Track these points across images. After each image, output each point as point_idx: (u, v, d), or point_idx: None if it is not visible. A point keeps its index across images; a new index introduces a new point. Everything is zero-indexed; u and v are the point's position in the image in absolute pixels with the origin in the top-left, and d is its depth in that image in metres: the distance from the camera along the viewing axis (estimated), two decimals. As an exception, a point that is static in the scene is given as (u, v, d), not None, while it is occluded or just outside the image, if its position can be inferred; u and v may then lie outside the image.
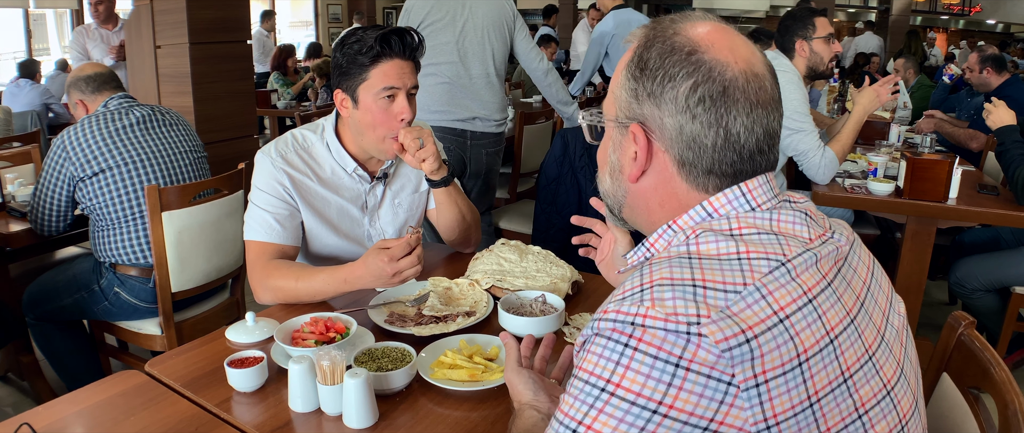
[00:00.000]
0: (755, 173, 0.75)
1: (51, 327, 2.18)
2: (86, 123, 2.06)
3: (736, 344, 0.62)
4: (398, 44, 1.46)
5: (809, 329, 0.65)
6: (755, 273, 0.66)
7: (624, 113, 0.77)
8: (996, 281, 2.51)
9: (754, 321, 0.63)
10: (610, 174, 0.82)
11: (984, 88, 3.77)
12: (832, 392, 0.65)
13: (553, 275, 1.50)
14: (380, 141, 1.50)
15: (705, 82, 0.72)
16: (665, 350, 0.62)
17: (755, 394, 0.62)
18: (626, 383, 0.63)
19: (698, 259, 0.68)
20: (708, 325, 0.62)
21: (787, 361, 0.63)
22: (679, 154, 0.74)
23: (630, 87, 0.76)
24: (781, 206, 0.75)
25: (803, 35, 2.55)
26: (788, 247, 0.70)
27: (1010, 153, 2.37)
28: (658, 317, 0.63)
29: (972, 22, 15.64)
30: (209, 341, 1.31)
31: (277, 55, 6.33)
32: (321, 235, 1.58)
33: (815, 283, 0.68)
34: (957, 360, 1.05)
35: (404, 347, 1.17)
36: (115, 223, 2.07)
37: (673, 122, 0.73)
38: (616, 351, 0.64)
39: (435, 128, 2.80)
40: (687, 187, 0.76)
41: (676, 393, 0.62)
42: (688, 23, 0.75)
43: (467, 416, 1.06)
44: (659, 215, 0.78)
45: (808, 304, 0.66)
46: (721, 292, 0.65)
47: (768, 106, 0.74)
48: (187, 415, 1.08)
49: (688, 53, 0.72)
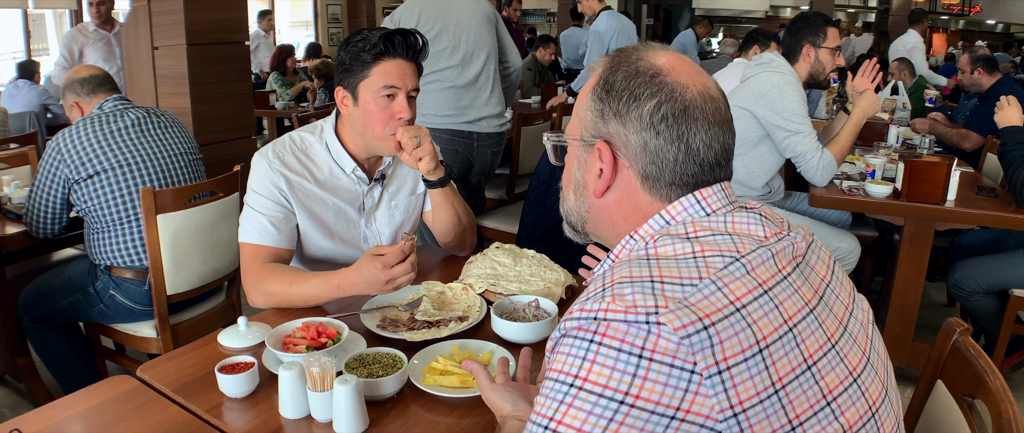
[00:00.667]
0: (714, 183, 0.80)
1: (47, 329, 2.18)
2: (81, 125, 2.06)
3: (694, 331, 0.65)
4: (401, 44, 1.47)
5: (766, 318, 0.68)
6: (710, 268, 0.70)
7: (590, 132, 0.83)
8: (994, 283, 2.50)
9: (711, 310, 0.67)
10: (574, 191, 0.87)
11: (976, 89, 3.76)
12: (796, 379, 0.68)
13: (547, 279, 1.49)
14: (379, 138, 1.50)
15: (668, 101, 0.77)
16: (628, 342, 0.65)
17: (718, 381, 0.64)
18: (593, 377, 0.66)
19: (656, 260, 0.72)
20: (666, 314, 0.65)
21: (747, 348, 0.66)
22: (643, 168, 0.80)
23: (596, 108, 0.82)
24: (735, 210, 0.79)
25: (813, 41, 2.55)
26: (742, 245, 0.74)
27: (1011, 154, 2.36)
28: (618, 310, 0.66)
29: (972, 22, 15.63)
30: (202, 345, 1.30)
31: (276, 55, 6.32)
32: (316, 238, 1.57)
33: (770, 276, 0.72)
34: (951, 367, 1.04)
35: (395, 353, 1.16)
36: (110, 225, 2.07)
37: (638, 138, 0.79)
38: (582, 347, 0.67)
39: (444, 131, 2.82)
40: (650, 199, 0.80)
41: (641, 383, 0.64)
42: (649, 52, 0.82)
43: (458, 423, 1.05)
44: (623, 227, 0.83)
45: (764, 295, 0.70)
46: (678, 286, 0.68)
47: (723, 126, 0.80)
48: (178, 420, 1.07)
49: (651, 75, 0.79)
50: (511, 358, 1.15)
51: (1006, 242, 2.74)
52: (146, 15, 3.21)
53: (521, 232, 2.79)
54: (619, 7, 12.18)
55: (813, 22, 2.57)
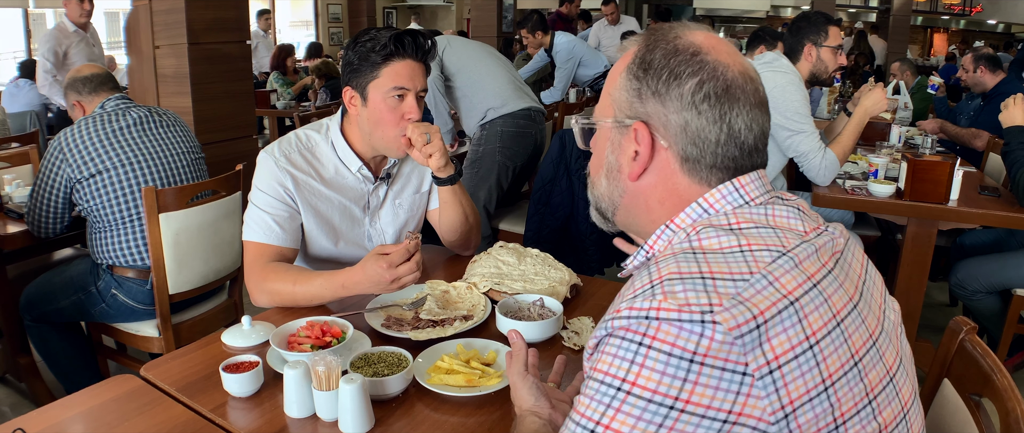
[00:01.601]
0: (755, 169, 0.78)
1: (48, 328, 2.18)
2: (83, 124, 2.06)
3: (748, 330, 0.63)
4: (411, 45, 1.46)
5: (817, 312, 0.67)
6: (759, 263, 0.68)
7: (625, 112, 0.79)
8: (997, 283, 2.50)
9: (765, 305, 0.65)
10: (606, 175, 0.83)
11: (979, 88, 3.75)
12: (845, 375, 0.66)
13: (551, 278, 1.49)
14: (388, 140, 1.50)
15: (710, 80, 0.74)
16: (679, 346, 0.63)
17: (770, 381, 0.63)
18: (641, 381, 0.64)
19: (703, 254, 0.70)
20: (721, 313, 0.63)
21: (797, 344, 0.64)
22: (683, 149, 0.76)
23: (632, 87, 0.78)
24: (774, 201, 0.77)
25: (814, 40, 2.55)
26: (786, 239, 0.72)
27: (1015, 154, 2.36)
28: (672, 309, 0.64)
29: (973, 22, 15.62)
30: (205, 345, 1.30)
31: (277, 55, 6.32)
32: (320, 237, 1.57)
33: (817, 270, 0.70)
34: (958, 366, 1.04)
35: (400, 352, 1.16)
36: (112, 225, 2.06)
37: (678, 118, 0.75)
38: (631, 350, 0.65)
39: (525, 112, 3.01)
40: (688, 182, 0.77)
41: (692, 388, 0.62)
42: (685, 30, 0.79)
43: (464, 422, 1.05)
44: (658, 213, 0.79)
45: (813, 288, 0.68)
46: (730, 281, 0.66)
47: (762, 108, 0.78)
48: (182, 420, 1.07)
49: (692, 54, 0.76)
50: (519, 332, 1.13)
51: (1009, 242, 2.73)
52: (147, 14, 3.21)
53: (527, 232, 2.79)
54: (620, 7, 12.18)
55: (814, 21, 2.57)
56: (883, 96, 2.57)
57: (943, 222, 2.42)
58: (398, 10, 12.56)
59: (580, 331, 1.31)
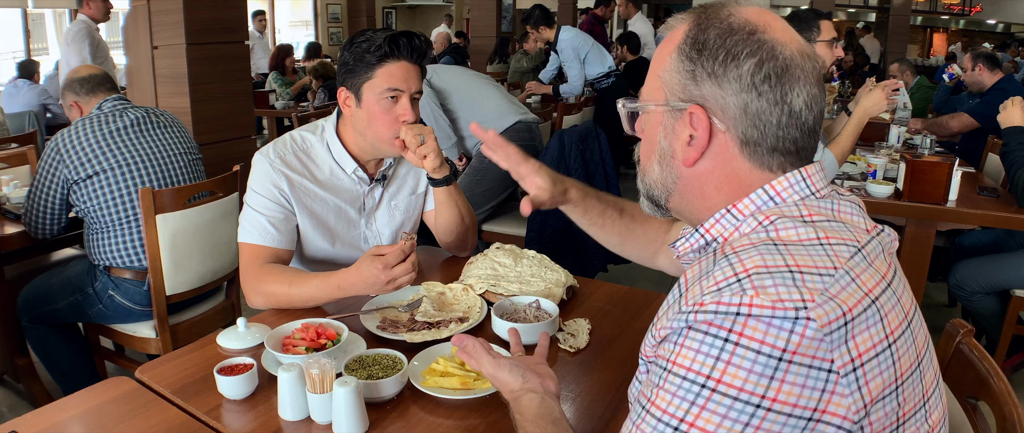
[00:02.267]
0: (813, 151, 0.76)
1: (46, 330, 2.18)
2: (80, 125, 2.05)
3: (837, 327, 0.62)
4: (406, 46, 1.46)
5: (893, 311, 0.66)
6: (840, 258, 0.67)
7: (678, 96, 0.76)
8: (996, 284, 2.50)
9: (852, 302, 0.64)
10: (659, 162, 0.80)
11: (978, 87, 3.76)
12: (911, 375, 0.67)
13: (548, 280, 1.48)
14: (383, 141, 1.50)
15: (769, 59, 0.72)
16: (768, 344, 0.61)
17: (853, 378, 0.62)
18: (727, 378, 0.62)
19: (784, 245, 0.67)
20: (814, 309, 0.62)
21: (878, 342, 0.64)
22: (743, 133, 0.74)
23: (686, 69, 0.75)
24: (833, 195, 0.76)
25: (807, 37, 2.55)
26: (858, 234, 0.70)
27: (1013, 154, 2.36)
28: (765, 305, 0.62)
29: (972, 22, 15.61)
30: (200, 347, 1.29)
31: (276, 55, 6.32)
32: (316, 238, 1.56)
33: (887, 270, 0.70)
34: (955, 369, 1.04)
35: (395, 354, 1.16)
36: (109, 226, 2.06)
37: (737, 100, 0.73)
38: (716, 346, 0.63)
39: (517, 126, 3.01)
40: (750, 166, 0.75)
41: (779, 386, 0.61)
42: (738, 7, 0.75)
43: (459, 424, 1.05)
44: (715, 199, 0.77)
45: (887, 288, 0.68)
46: (817, 276, 0.64)
47: (821, 86, 0.75)
48: (177, 422, 1.07)
49: (749, 33, 0.73)
50: (518, 331, 1.13)
51: (1007, 242, 2.73)
52: (145, 14, 3.20)
53: (529, 233, 2.79)
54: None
55: (804, 18, 2.57)
56: (883, 96, 2.56)
57: (941, 223, 2.42)
58: (397, 10, 12.56)
59: (576, 333, 1.31)
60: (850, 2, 13.91)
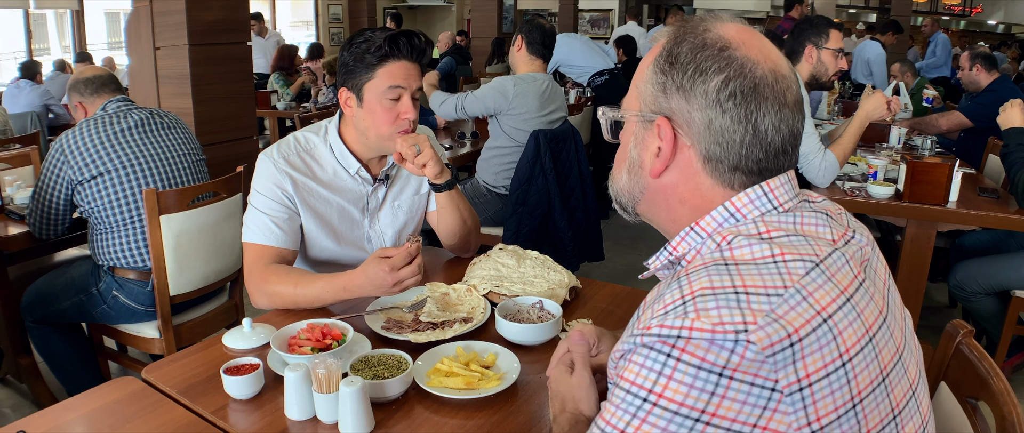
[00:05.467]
0: (778, 172, 0.75)
1: (50, 330, 2.18)
2: (84, 126, 2.06)
3: (781, 349, 0.62)
4: (406, 45, 1.47)
5: (850, 328, 0.65)
6: (792, 275, 0.66)
7: (649, 107, 0.77)
8: (996, 285, 2.51)
9: (800, 323, 0.63)
10: (628, 170, 0.81)
11: (974, 86, 3.76)
12: (873, 392, 0.66)
13: (551, 281, 1.49)
14: (385, 140, 1.50)
15: (736, 77, 0.72)
16: (708, 361, 0.62)
17: (799, 398, 0.62)
18: (668, 393, 0.63)
19: (735, 265, 0.68)
20: (756, 332, 0.62)
21: (830, 362, 0.63)
22: (706, 149, 0.74)
23: (658, 81, 0.76)
24: (801, 207, 0.75)
25: (815, 42, 2.57)
26: (818, 248, 0.70)
27: (1014, 155, 2.37)
28: (705, 329, 0.63)
29: (973, 22, 15.62)
30: (206, 347, 1.30)
31: (279, 55, 6.32)
32: (320, 239, 1.57)
33: (849, 282, 0.68)
34: (955, 369, 1.05)
35: (400, 354, 1.16)
36: (113, 226, 2.07)
37: (702, 116, 0.73)
38: (658, 361, 0.64)
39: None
40: (711, 183, 0.75)
41: (719, 401, 0.62)
42: (717, 22, 0.76)
43: (463, 424, 1.06)
44: (680, 212, 0.78)
45: (847, 303, 0.67)
46: (763, 296, 0.64)
47: (793, 108, 0.74)
48: (183, 422, 1.07)
49: (720, 49, 0.73)
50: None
51: (1008, 243, 2.74)
52: (148, 15, 3.21)
53: (506, 232, 2.79)
54: (620, 7, 12.19)
55: (816, 23, 2.58)
56: (883, 100, 2.58)
57: (942, 223, 2.43)
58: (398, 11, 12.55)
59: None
60: (850, 2, 13.91)
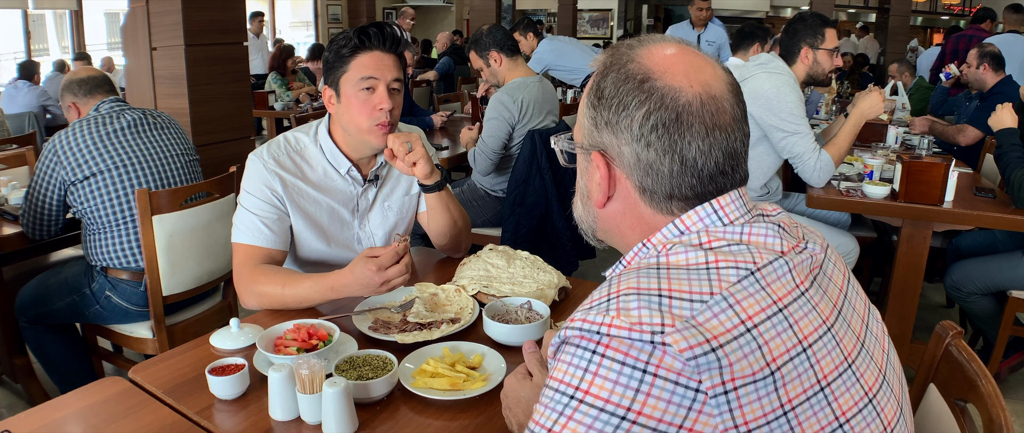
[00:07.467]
0: (721, 192, 0.75)
1: (44, 330, 2.18)
2: (77, 127, 2.06)
3: (701, 353, 0.62)
4: (377, 36, 1.47)
5: (779, 338, 0.65)
6: (723, 282, 0.66)
7: (587, 141, 0.78)
8: (992, 285, 2.50)
9: (720, 331, 0.63)
10: (581, 199, 0.83)
11: (979, 85, 3.76)
12: (808, 400, 0.65)
13: (540, 281, 1.49)
14: (363, 132, 1.49)
15: (657, 109, 0.71)
16: (632, 357, 0.62)
17: (723, 401, 0.62)
18: (594, 390, 0.63)
19: (667, 269, 0.68)
20: (672, 334, 0.62)
21: (757, 370, 0.63)
22: (639, 181, 0.75)
23: (590, 115, 0.77)
24: (755, 220, 0.75)
25: (810, 42, 2.55)
26: (759, 256, 0.70)
27: (1008, 156, 2.36)
28: (623, 327, 0.63)
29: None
30: (194, 347, 1.30)
31: (276, 55, 6.32)
32: (309, 239, 1.57)
33: (786, 293, 0.68)
34: (944, 371, 1.04)
35: (386, 355, 1.16)
36: (106, 227, 2.07)
37: (630, 150, 0.74)
38: (584, 358, 0.64)
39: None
40: (652, 211, 0.76)
41: (644, 399, 0.62)
42: (644, 49, 0.75)
43: (448, 425, 1.05)
44: (631, 237, 0.79)
45: (778, 313, 0.66)
46: (686, 302, 0.65)
47: (727, 128, 0.73)
48: (168, 422, 1.07)
49: (640, 81, 0.72)
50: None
51: (1004, 243, 2.73)
52: (144, 15, 3.21)
53: (504, 233, 2.79)
54: (619, 7, 12.19)
55: (811, 23, 2.57)
56: (880, 99, 2.57)
57: (938, 223, 2.42)
58: (397, 10, 12.56)
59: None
60: (850, 2, 13.90)
